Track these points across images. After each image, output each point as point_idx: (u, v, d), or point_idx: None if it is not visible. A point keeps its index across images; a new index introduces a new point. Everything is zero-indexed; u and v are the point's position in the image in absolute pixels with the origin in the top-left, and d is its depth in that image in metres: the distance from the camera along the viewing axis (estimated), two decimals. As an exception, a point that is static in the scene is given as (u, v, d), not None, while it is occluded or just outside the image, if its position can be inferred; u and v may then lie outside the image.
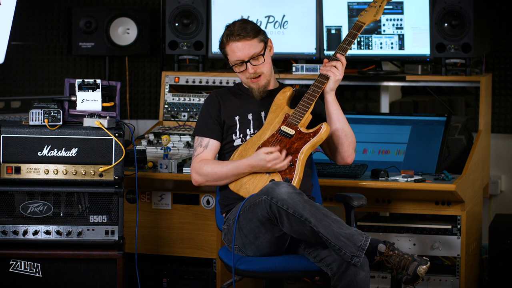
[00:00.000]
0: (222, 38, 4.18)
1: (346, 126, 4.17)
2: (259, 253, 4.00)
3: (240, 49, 4.12)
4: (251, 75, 4.15)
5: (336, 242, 3.76)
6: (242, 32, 4.12)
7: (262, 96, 4.22)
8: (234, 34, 4.12)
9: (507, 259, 4.89)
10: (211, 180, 4.15)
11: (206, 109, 4.27)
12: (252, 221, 3.93)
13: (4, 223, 4.19)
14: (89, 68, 5.92)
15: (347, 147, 4.18)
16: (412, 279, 3.80)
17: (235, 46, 4.12)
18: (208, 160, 4.17)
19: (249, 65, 4.13)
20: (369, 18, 4.25)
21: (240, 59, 4.13)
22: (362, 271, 3.79)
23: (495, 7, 5.46)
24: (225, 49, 4.17)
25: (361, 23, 4.24)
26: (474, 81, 4.98)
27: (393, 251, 3.85)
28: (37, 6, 5.81)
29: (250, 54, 4.12)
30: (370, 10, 4.27)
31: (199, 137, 4.24)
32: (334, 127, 4.15)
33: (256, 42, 4.14)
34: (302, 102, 4.13)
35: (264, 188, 3.89)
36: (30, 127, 4.19)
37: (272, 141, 4.10)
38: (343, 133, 4.16)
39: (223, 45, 4.17)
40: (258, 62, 4.14)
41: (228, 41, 4.14)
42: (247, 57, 4.12)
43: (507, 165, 5.60)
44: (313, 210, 3.80)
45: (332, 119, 4.16)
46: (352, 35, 4.21)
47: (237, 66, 4.15)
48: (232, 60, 4.16)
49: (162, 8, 5.68)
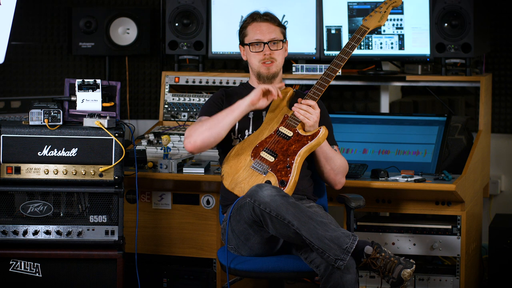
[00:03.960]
0: (246, 19, 4.24)
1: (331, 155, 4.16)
2: (252, 253, 4.01)
3: (263, 30, 4.18)
4: (266, 56, 4.17)
5: (320, 245, 3.75)
6: (269, 16, 4.21)
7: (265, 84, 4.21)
8: (261, 16, 4.21)
9: (507, 259, 4.90)
10: (205, 130, 4.06)
11: (212, 98, 4.30)
12: (240, 223, 3.94)
13: (4, 223, 4.19)
14: (89, 68, 5.92)
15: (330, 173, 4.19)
16: (397, 282, 3.78)
17: (258, 26, 4.19)
18: (199, 121, 4.16)
19: (267, 46, 4.16)
20: (373, 23, 4.27)
21: (260, 39, 4.17)
22: (348, 274, 3.76)
23: (495, 7, 5.46)
24: (246, 28, 4.21)
25: (365, 27, 4.26)
26: (474, 81, 4.99)
27: (380, 253, 3.82)
28: (37, 6, 5.81)
29: (271, 37, 4.18)
30: (374, 15, 4.29)
31: (200, 117, 4.23)
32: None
33: (279, 30, 4.21)
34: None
35: (249, 191, 3.89)
36: (30, 127, 4.19)
37: (270, 141, 4.09)
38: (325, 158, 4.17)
39: (245, 24, 4.23)
40: (276, 48, 4.18)
41: (252, 21, 4.21)
42: (267, 39, 4.17)
43: (507, 165, 5.60)
44: (297, 212, 3.79)
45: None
46: (355, 39, 4.22)
47: (254, 45, 4.18)
48: (250, 39, 4.19)
49: (162, 8, 5.68)
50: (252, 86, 4.29)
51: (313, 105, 4.07)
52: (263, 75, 4.21)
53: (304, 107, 4.07)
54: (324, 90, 4.13)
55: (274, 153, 4.06)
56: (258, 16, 4.22)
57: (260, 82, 4.24)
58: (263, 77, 4.21)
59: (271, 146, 4.08)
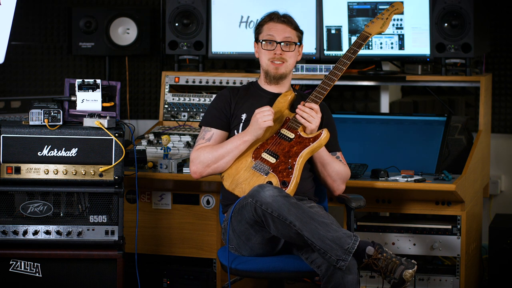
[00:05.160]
0: (264, 17, 4.24)
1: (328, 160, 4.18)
2: (253, 253, 4.01)
3: (279, 30, 4.19)
4: (276, 56, 4.16)
5: (322, 246, 3.75)
6: (286, 18, 4.22)
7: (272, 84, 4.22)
8: (279, 16, 4.22)
9: (507, 259, 4.90)
10: (211, 162, 4.11)
11: (216, 101, 4.28)
12: (242, 223, 3.94)
13: (4, 223, 4.19)
14: (89, 68, 5.92)
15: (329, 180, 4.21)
16: (399, 283, 3.78)
17: (275, 26, 4.20)
18: (205, 146, 4.16)
19: (279, 46, 4.16)
20: (375, 29, 4.30)
21: (274, 38, 4.18)
22: (350, 274, 3.76)
23: (495, 7, 5.46)
24: (263, 26, 4.22)
25: (367, 33, 4.27)
26: (474, 81, 4.99)
27: (381, 254, 3.82)
28: (37, 6, 5.81)
29: (285, 38, 4.18)
30: (376, 21, 4.31)
31: (204, 128, 4.24)
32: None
33: (294, 33, 4.22)
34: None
35: (251, 191, 3.89)
36: (30, 127, 4.19)
37: (271, 143, 4.09)
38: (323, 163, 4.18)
39: (262, 22, 4.23)
40: (288, 49, 4.18)
41: (270, 20, 4.22)
42: (281, 39, 4.17)
43: (507, 165, 5.60)
44: (299, 213, 3.79)
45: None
46: (357, 45, 4.23)
47: (267, 43, 4.18)
48: (264, 36, 4.20)
49: (162, 8, 5.68)
50: (260, 86, 4.28)
51: (315, 109, 4.07)
52: (270, 74, 4.21)
53: (308, 110, 4.07)
54: (326, 94, 4.14)
55: (275, 154, 4.07)
56: (276, 17, 4.22)
57: (267, 82, 4.24)
58: (270, 77, 4.21)
59: (273, 147, 4.08)
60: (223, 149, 4.10)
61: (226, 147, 4.10)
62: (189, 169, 4.18)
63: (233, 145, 4.09)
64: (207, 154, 4.11)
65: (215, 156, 4.10)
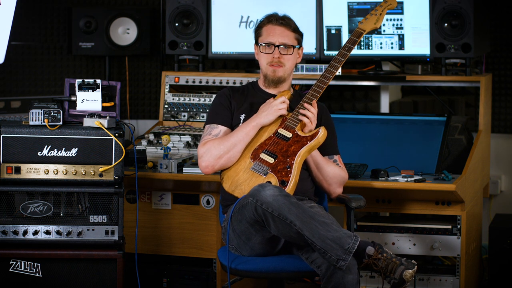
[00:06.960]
0: (263, 19, 4.24)
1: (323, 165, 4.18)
2: (253, 253, 4.01)
3: (277, 33, 4.18)
4: (274, 60, 4.16)
5: (322, 245, 3.75)
6: (285, 21, 4.21)
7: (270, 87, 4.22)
8: (278, 18, 4.21)
9: (507, 259, 4.90)
10: (223, 153, 4.08)
11: (219, 99, 4.27)
12: (242, 223, 3.94)
13: (4, 223, 4.19)
14: (89, 68, 5.93)
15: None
16: (399, 283, 3.78)
17: (273, 29, 4.19)
18: (213, 140, 4.14)
19: (277, 50, 4.15)
20: (369, 25, 4.30)
21: (272, 42, 4.17)
22: (350, 274, 3.76)
23: (495, 7, 5.46)
24: (262, 29, 4.22)
25: (361, 30, 4.27)
26: (474, 81, 4.99)
27: (381, 254, 3.82)
28: (37, 6, 5.81)
29: (283, 41, 4.17)
30: (370, 18, 4.31)
31: (210, 125, 4.21)
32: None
33: (293, 36, 4.20)
34: (300, 105, 4.13)
35: (251, 190, 3.89)
36: (30, 127, 4.19)
37: (269, 143, 4.10)
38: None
39: (261, 24, 4.23)
40: (286, 52, 4.17)
41: (268, 22, 4.21)
42: (279, 43, 4.16)
43: (507, 165, 5.60)
44: (300, 212, 3.79)
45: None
46: (352, 42, 4.23)
47: (265, 46, 4.18)
48: (263, 39, 4.19)
49: (162, 8, 5.68)
50: (259, 87, 4.28)
51: (313, 108, 4.08)
52: (269, 77, 4.21)
53: (313, 110, 4.08)
54: (322, 92, 4.14)
55: (273, 154, 4.07)
56: (275, 19, 4.21)
57: (266, 84, 4.24)
58: (268, 80, 4.22)
59: (271, 147, 4.08)
60: (233, 138, 4.09)
61: (237, 135, 4.10)
62: (199, 165, 4.14)
63: (243, 132, 4.09)
64: (217, 145, 4.10)
65: (227, 146, 4.08)
